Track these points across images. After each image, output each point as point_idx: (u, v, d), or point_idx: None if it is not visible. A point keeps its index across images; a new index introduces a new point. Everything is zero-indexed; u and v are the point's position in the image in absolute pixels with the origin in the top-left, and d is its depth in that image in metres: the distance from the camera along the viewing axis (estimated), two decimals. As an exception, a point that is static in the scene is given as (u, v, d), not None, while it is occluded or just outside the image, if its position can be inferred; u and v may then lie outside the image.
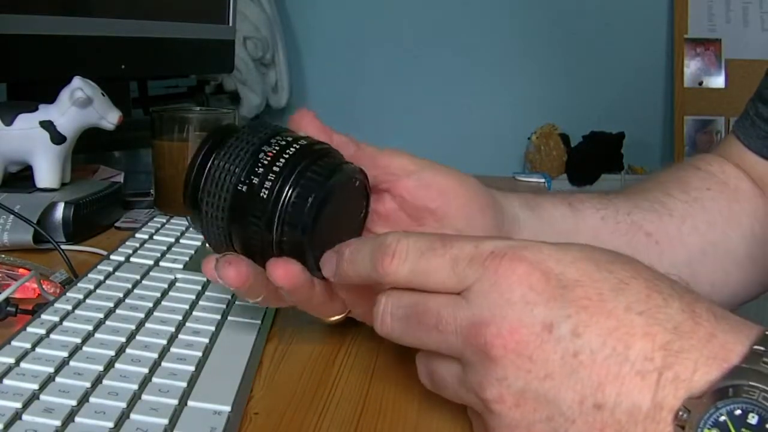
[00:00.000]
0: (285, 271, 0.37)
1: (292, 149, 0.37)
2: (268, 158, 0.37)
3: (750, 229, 0.55)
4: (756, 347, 0.29)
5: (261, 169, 0.37)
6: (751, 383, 0.27)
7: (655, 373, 0.29)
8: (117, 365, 0.38)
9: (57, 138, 0.69)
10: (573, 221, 0.51)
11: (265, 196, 0.36)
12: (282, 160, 0.37)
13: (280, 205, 0.36)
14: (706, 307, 0.31)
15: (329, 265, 0.37)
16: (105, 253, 0.58)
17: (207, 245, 0.41)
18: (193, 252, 0.59)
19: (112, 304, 0.46)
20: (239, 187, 0.37)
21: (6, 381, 0.35)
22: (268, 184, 0.37)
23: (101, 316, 0.44)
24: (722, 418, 0.27)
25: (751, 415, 0.27)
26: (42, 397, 0.34)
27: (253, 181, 0.37)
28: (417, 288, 0.33)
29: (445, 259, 0.32)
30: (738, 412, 0.27)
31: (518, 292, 0.31)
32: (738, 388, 0.28)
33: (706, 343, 0.29)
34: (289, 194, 0.36)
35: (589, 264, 0.32)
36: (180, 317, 0.45)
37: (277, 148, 0.37)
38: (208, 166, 0.38)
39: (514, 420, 0.31)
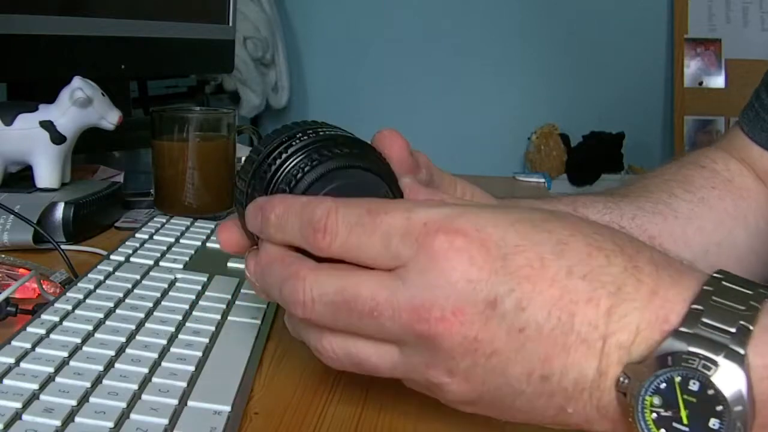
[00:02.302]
0: (228, 236, 0.37)
1: (329, 132, 0.35)
2: (305, 137, 0.35)
3: (755, 225, 0.55)
4: (694, 306, 0.28)
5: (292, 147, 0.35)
6: (690, 350, 0.27)
7: (600, 341, 0.29)
8: (117, 365, 0.38)
9: (57, 138, 0.69)
10: None
11: (275, 164, 0.35)
12: (309, 136, 0.35)
13: (281, 169, 0.35)
14: (648, 258, 0.30)
15: (254, 221, 0.34)
16: (105, 253, 0.58)
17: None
18: (193, 252, 0.59)
19: (112, 304, 0.46)
20: (265, 162, 0.35)
21: (6, 381, 0.35)
22: (285, 153, 0.35)
23: (101, 316, 0.44)
24: (663, 385, 0.27)
25: (692, 381, 0.27)
26: (42, 397, 0.34)
27: (275, 154, 0.35)
28: (350, 262, 0.31)
29: (375, 235, 0.31)
30: (678, 379, 0.27)
31: (459, 269, 0.29)
32: (677, 356, 0.27)
33: (648, 302, 0.29)
34: (295, 161, 0.34)
35: (527, 225, 0.30)
36: (180, 317, 0.45)
37: (319, 131, 0.36)
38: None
39: (464, 393, 0.31)
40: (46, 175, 0.69)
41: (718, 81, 2.14)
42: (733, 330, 0.27)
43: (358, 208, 0.31)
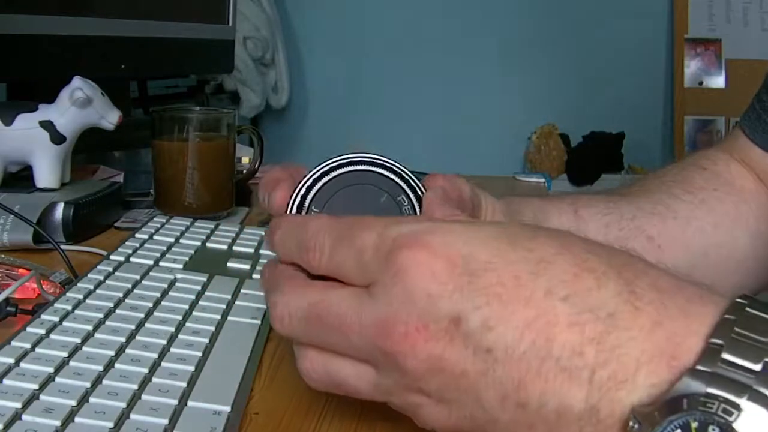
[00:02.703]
0: (282, 196, 0.37)
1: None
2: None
3: (756, 228, 0.55)
4: (713, 341, 0.25)
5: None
6: (709, 391, 0.24)
7: (586, 371, 0.26)
8: (117, 365, 0.38)
9: (57, 138, 0.69)
10: (577, 229, 0.51)
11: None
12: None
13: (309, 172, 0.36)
14: (649, 284, 0.27)
15: (267, 241, 0.35)
16: (105, 253, 0.57)
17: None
18: (193, 252, 0.59)
19: (112, 304, 0.46)
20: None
21: (6, 381, 0.35)
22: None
23: (101, 316, 0.44)
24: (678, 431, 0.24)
25: (711, 427, 0.24)
26: (42, 397, 0.34)
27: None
28: (337, 279, 0.31)
29: (352, 251, 0.30)
30: (695, 425, 0.24)
31: (420, 285, 0.28)
32: (693, 399, 0.24)
33: (650, 334, 0.26)
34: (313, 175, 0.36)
35: (504, 242, 0.28)
36: (180, 317, 0.45)
37: None
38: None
39: (441, 416, 0.29)
40: (46, 175, 0.69)
41: (718, 81, 2.14)
42: (757, 368, 0.24)
43: (342, 224, 0.31)
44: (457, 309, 0.27)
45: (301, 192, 0.36)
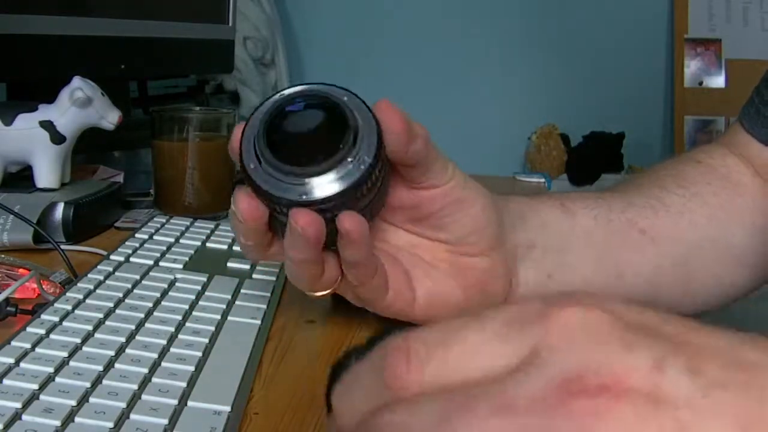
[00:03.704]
0: (248, 204, 0.39)
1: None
2: None
3: (752, 223, 0.54)
4: None
5: None
6: None
7: None
8: (117, 365, 0.38)
9: (57, 138, 0.68)
10: (567, 224, 0.50)
11: None
12: None
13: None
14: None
15: None
16: (105, 253, 0.58)
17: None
18: (193, 252, 0.59)
19: (112, 304, 0.46)
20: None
21: (6, 381, 0.35)
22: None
23: (101, 316, 0.44)
24: None
25: None
26: (42, 397, 0.34)
27: None
28: (448, 385, 0.21)
29: (486, 332, 0.22)
30: None
31: (605, 331, 0.21)
32: None
33: None
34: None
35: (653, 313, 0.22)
36: (180, 317, 0.45)
37: None
38: None
39: None
40: (46, 175, 0.69)
41: (718, 81, 2.14)
42: None
43: (447, 324, 0.23)
44: (652, 354, 0.20)
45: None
